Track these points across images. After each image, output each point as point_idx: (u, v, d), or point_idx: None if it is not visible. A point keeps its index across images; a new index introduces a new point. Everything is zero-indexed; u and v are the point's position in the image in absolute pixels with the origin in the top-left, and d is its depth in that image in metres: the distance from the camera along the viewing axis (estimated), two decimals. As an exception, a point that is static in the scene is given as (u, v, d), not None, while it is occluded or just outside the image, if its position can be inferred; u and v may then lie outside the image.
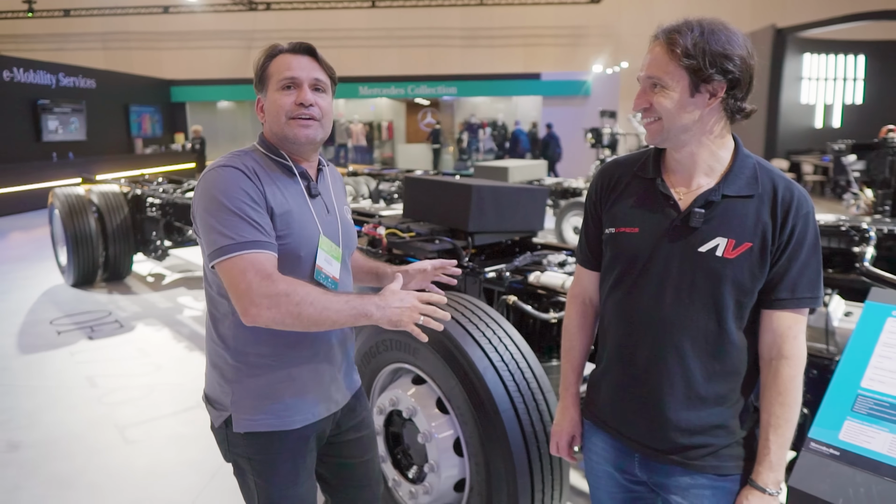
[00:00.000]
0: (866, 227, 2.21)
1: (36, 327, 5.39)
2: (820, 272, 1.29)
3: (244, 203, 1.39)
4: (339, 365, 1.64)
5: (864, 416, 1.35)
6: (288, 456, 1.57)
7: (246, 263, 1.34)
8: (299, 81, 1.50)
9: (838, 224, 2.29)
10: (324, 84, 1.54)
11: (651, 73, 1.28)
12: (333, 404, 1.63)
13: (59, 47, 20.91)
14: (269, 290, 1.32)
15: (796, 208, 1.26)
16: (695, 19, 1.27)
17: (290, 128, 1.49)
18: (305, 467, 1.62)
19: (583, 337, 1.56)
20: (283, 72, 1.50)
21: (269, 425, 1.53)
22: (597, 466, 1.52)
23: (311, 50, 1.54)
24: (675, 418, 1.33)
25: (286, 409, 1.53)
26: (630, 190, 1.40)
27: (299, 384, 1.54)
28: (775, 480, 1.29)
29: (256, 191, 1.43)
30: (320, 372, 1.57)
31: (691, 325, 1.30)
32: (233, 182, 1.41)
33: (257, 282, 1.32)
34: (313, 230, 1.52)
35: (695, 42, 1.23)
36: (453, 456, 2.20)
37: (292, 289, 1.33)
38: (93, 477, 3.10)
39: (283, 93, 1.50)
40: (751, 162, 1.31)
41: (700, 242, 1.28)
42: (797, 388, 1.29)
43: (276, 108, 1.50)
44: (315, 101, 1.51)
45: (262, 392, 1.52)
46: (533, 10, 20.39)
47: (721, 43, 1.24)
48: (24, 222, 11.32)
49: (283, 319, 1.33)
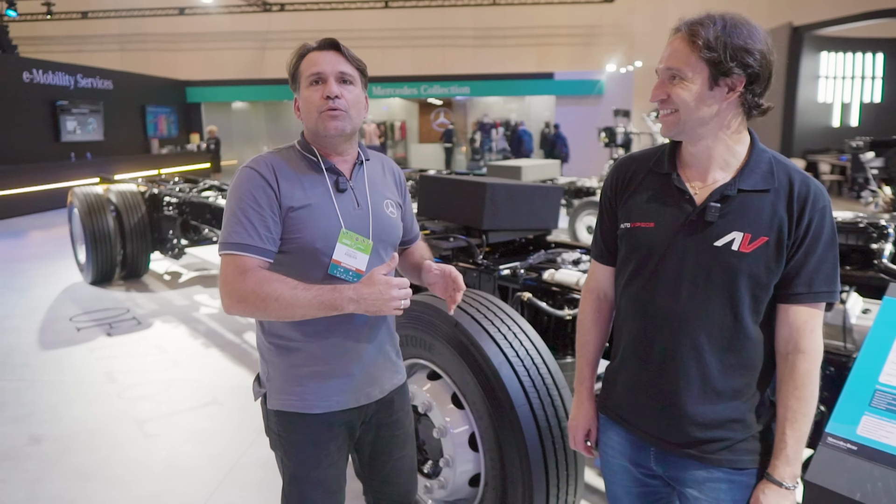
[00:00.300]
0: (884, 223, 2.20)
1: (56, 324, 5.48)
2: (836, 266, 1.29)
3: (248, 205, 1.51)
4: (373, 361, 1.66)
5: (883, 411, 1.34)
6: (310, 439, 1.63)
7: (228, 260, 1.50)
8: (325, 76, 1.55)
9: (856, 221, 2.28)
10: (350, 76, 1.59)
11: (671, 64, 1.29)
12: (364, 397, 1.66)
13: (78, 49, 21.17)
14: (238, 288, 1.46)
15: (812, 202, 1.26)
16: (717, 13, 1.28)
17: (320, 121, 1.56)
18: (328, 453, 1.66)
19: (597, 332, 1.57)
20: (310, 68, 1.57)
21: (293, 406, 1.61)
22: (612, 461, 1.53)
23: (335, 44, 1.59)
24: (691, 412, 1.34)
25: (309, 394, 1.60)
26: (645, 185, 1.40)
27: (323, 371, 1.60)
28: (792, 474, 1.29)
29: (266, 192, 1.52)
30: (347, 363, 1.62)
31: (707, 319, 1.30)
32: (244, 184, 1.54)
33: (231, 278, 1.48)
34: (333, 224, 1.56)
35: (717, 35, 1.24)
36: (468, 451, 2.22)
37: (260, 286, 1.44)
38: (112, 470, 3.15)
39: (311, 89, 1.57)
40: (767, 156, 1.32)
41: (716, 237, 1.29)
42: (814, 382, 1.29)
43: (307, 105, 1.57)
44: (341, 92, 1.55)
45: (289, 374, 1.61)
46: (546, 9, 20.35)
47: (743, 37, 1.25)
48: (43, 221, 11.48)
49: (252, 312, 1.48)
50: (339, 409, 1.63)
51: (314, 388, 1.60)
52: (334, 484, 1.70)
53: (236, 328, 5.34)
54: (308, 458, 1.65)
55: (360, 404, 1.66)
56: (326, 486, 1.68)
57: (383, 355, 1.70)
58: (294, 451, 1.66)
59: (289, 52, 1.64)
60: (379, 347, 1.69)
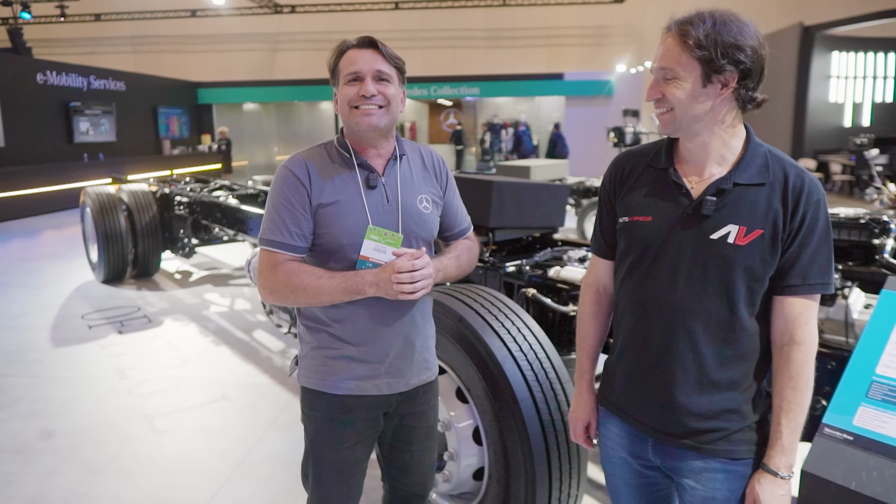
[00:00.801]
0: (886, 219, 2.21)
1: (68, 321, 5.55)
2: (831, 258, 1.30)
3: (281, 205, 1.62)
4: (400, 353, 1.70)
5: (879, 401, 1.36)
6: (326, 417, 1.70)
7: (263, 255, 1.64)
8: (362, 74, 1.60)
9: (858, 217, 2.28)
10: (387, 74, 1.63)
11: (664, 63, 1.31)
12: (385, 386, 1.70)
13: (91, 51, 21.39)
14: (270, 281, 1.61)
15: (807, 196, 1.28)
16: (707, 10, 1.30)
17: (353, 117, 1.61)
18: (345, 437, 1.70)
19: (597, 325, 1.59)
20: (348, 66, 1.62)
21: (314, 384, 1.71)
22: (612, 453, 1.55)
23: (373, 43, 1.63)
24: (687, 403, 1.35)
25: (329, 374, 1.68)
26: (643, 180, 1.42)
27: (346, 355, 1.66)
28: (787, 464, 1.31)
29: (298, 190, 1.61)
30: (370, 351, 1.66)
31: (703, 311, 1.32)
32: (280, 183, 1.64)
33: (265, 272, 1.62)
34: (360, 220, 1.61)
35: (707, 33, 1.26)
36: (472, 445, 2.24)
37: (287, 279, 1.59)
38: (123, 464, 3.20)
39: (349, 86, 1.62)
40: (762, 150, 1.33)
41: (712, 230, 1.31)
42: (809, 373, 1.31)
43: (343, 101, 1.64)
44: (378, 90, 1.60)
45: (316, 353, 1.70)
46: (556, 10, 20.34)
47: (733, 34, 1.27)
48: (56, 221, 11.61)
49: (284, 301, 1.62)
50: (357, 393, 1.67)
51: (336, 369, 1.67)
52: (348, 469, 1.74)
53: (246, 326, 5.39)
54: (325, 438, 1.72)
55: (382, 393, 1.70)
56: (339, 469, 1.73)
57: (411, 349, 1.72)
58: (312, 429, 1.75)
59: (299, 53, 1.70)
60: (407, 341, 1.71)
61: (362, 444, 1.75)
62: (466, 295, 2.29)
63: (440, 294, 2.31)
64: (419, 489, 1.89)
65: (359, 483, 1.79)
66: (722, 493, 1.36)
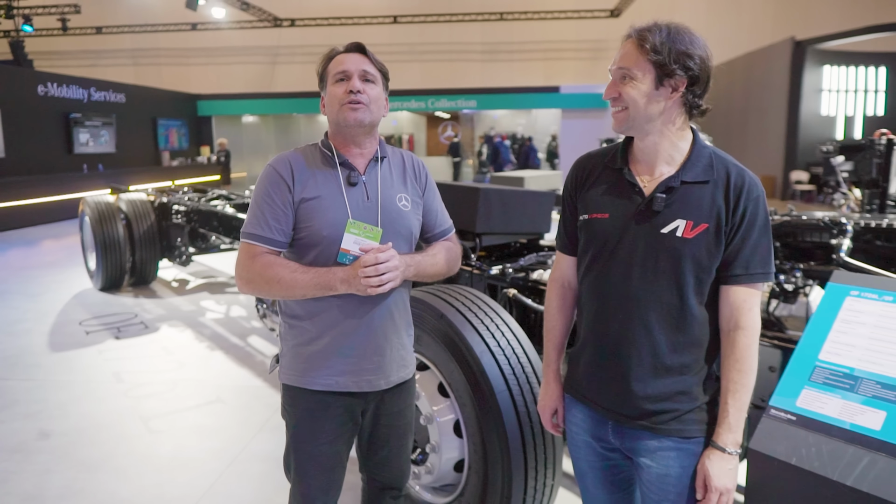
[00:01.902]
0: (844, 221, 2.32)
1: (66, 327, 5.64)
2: (770, 250, 1.41)
3: (263, 201, 1.71)
4: (378, 350, 1.77)
5: (821, 385, 1.46)
6: (307, 414, 1.78)
7: (243, 246, 1.72)
8: (349, 73, 1.72)
9: (819, 219, 2.40)
10: (372, 75, 1.74)
11: (622, 64, 1.42)
12: (366, 383, 1.77)
13: (92, 63, 21.63)
14: (247, 271, 1.69)
15: (747, 192, 1.39)
16: (663, 22, 1.42)
17: (342, 113, 1.70)
18: (324, 430, 1.78)
19: (562, 318, 1.69)
20: (336, 67, 1.73)
21: (295, 380, 1.78)
22: (577, 437, 1.64)
23: (361, 48, 1.77)
24: (643, 387, 1.46)
25: (307, 370, 1.76)
26: (601, 179, 1.54)
27: (324, 352, 1.74)
28: (734, 441, 1.41)
29: (280, 187, 1.70)
30: (349, 348, 1.74)
31: (656, 300, 1.43)
32: (263, 180, 1.74)
33: (243, 262, 1.70)
34: (341, 214, 1.70)
35: (662, 41, 1.38)
36: (454, 438, 2.34)
37: (263, 270, 1.66)
38: (118, 462, 3.28)
39: (336, 85, 1.72)
40: (707, 152, 1.45)
41: (662, 224, 1.42)
42: (753, 356, 1.41)
43: (331, 99, 1.73)
44: (363, 88, 1.71)
45: (295, 350, 1.78)
46: (553, 24, 20.63)
47: (685, 43, 1.39)
48: (55, 231, 11.72)
49: (259, 292, 1.71)
50: (337, 389, 1.75)
51: (315, 365, 1.75)
52: (328, 462, 1.82)
53: (241, 332, 5.49)
54: (304, 432, 1.80)
55: (362, 390, 1.77)
56: (320, 462, 1.81)
57: (390, 347, 1.80)
58: (293, 424, 1.82)
59: (299, 66, 1.84)
60: (386, 338, 1.78)
61: (341, 439, 1.83)
62: (448, 294, 2.40)
63: (423, 293, 2.42)
64: (395, 482, 1.98)
65: (339, 476, 1.87)
66: (675, 470, 1.46)
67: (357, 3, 21.55)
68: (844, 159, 3.87)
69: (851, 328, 1.51)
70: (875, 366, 1.43)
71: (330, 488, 1.86)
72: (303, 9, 21.17)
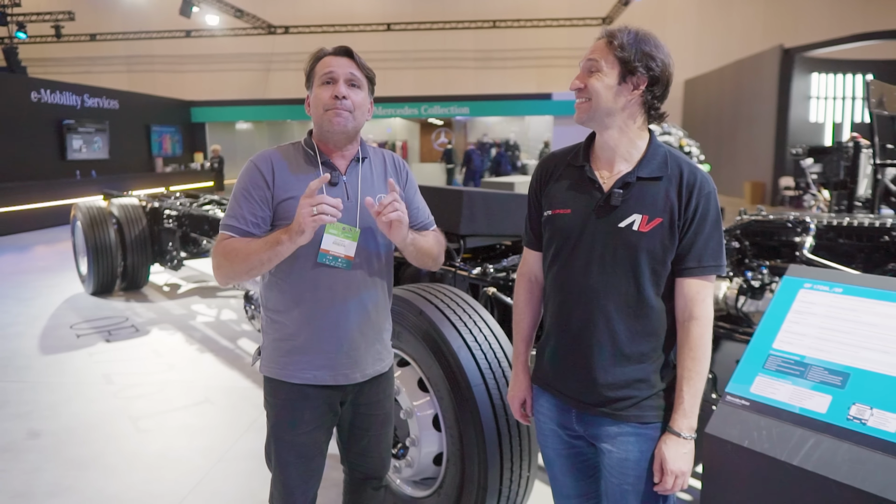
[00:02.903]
0: (808, 219, 2.40)
1: (57, 331, 5.68)
2: (722, 244, 1.49)
3: (241, 195, 1.76)
4: (355, 345, 1.83)
5: (774, 372, 1.53)
6: (287, 405, 1.84)
7: (220, 236, 1.76)
8: (336, 77, 1.75)
9: (785, 219, 2.49)
10: (359, 80, 1.79)
11: (592, 56, 1.51)
12: (342, 377, 1.83)
13: (86, 70, 21.68)
14: (214, 254, 1.75)
15: (699, 188, 1.47)
16: (633, 27, 1.51)
17: (326, 118, 1.75)
18: (304, 421, 1.84)
19: (530, 311, 1.76)
20: (323, 69, 1.76)
21: (275, 373, 1.84)
22: (544, 426, 1.71)
23: (349, 52, 1.80)
24: (603, 375, 1.53)
25: (290, 364, 1.81)
26: (564, 176, 1.61)
27: (301, 346, 1.80)
28: (689, 426, 1.48)
29: (259, 182, 1.75)
30: (326, 342, 1.79)
31: (615, 291, 1.50)
32: (243, 176, 1.78)
33: (215, 248, 1.75)
34: None
35: (629, 40, 1.48)
36: (433, 432, 2.40)
37: (223, 250, 1.71)
38: (107, 460, 3.33)
39: (322, 88, 1.76)
40: (662, 150, 1.53)
41: (620, 219, 1.49)
42: (706, 344, 1.49)
43: (316, 102, 1.77)
44: (348, 94, 1.75)
45: (276, 344, 1.83)
46: (545, 32, 20.80)
47: (649, 46, 1.48)
48: (48, 237, 11.74)
49: (226, 272, 1.72)
50: (315, 383, 1.81)
51: (295, 360, 1.80)
52: (308, 451, 1.88)
53: (231, 335, 5.53)
54: (284, 421, 1.86)
55: (339, 384, 1.84)
56: (300, 451, 1.87)
57: (366, 341, 1.86)
58: (273, 414, 1.89)
59: (293, 73, 1.90)
60: (361, 334, 1.84)
61: (321, 429, 1.88)
62: (428, 291, 2.46)
63: (404, 291, 2.48)
64: (376, 472, 2.04)
65: (319, 465, 1.93)
66: (634, 455, 1.52)
67: (351, 10, 21.71)
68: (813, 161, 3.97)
69: (804, 318, 1.59)
70: (823, 353, 1.50)
71: (310, 477, 1.92)
72: (297, 16, 21.30)
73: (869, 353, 1.45)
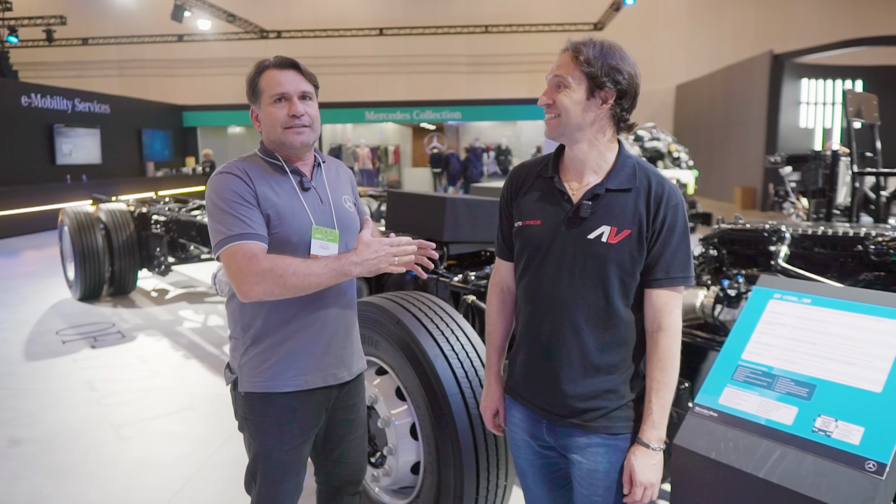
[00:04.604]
0: (783, 228, 2.41)
1: (43, 337, 5.64)
2: (689, 255, 1.49)
3: (235, 202, 1.67)
4: (339, 343, 1.84)
5: (742, 383, 1.53)
6: (275, 421, 1.80)
7: (236, 249, 1.64)
8: (289, 95, 1.74)
9: (761, 228, 2.49)
10: (310, 93, 1.79)
11: (558, 72, 1.50)
12: (331, 377, 1.83)
13: (78, 74, 21.59)
14: (255, 268, 1.60)
15: (667, 200, 1.47)
16: (598, 39, 1.51)
17: (286, 136, 1.74)
18: (292, 435, 1.82)
19: (502, 321, 1.76)
20: (273, 87, 1.73)
21: (264, 387, 1.78)
22: (516, 436, 1.71)
23: (295, 64, 1.78)
24: (573, 386, 1.52)
25: (278, 373, 1.77)
26: (534, 187, 1.61)
27: (291, 352, 1.77)
28: (658, 437, 1.48)
29: (247, 190, 1.70)
30: (314, 345, 1.79)
31: (584, 302, 1.50)
32: (226, 185, 1.70)
33: (245, 263, 1.61)
34: (304, 220, 1.76)
35: (595, 55, 1.47)
36: (410, 441, 2.39)
37: (275, 263, 1.61)
38: (87, 468, 3.31)
39: (275, 106, 1.74)
40: (631, 162, 1.53)
41: (589, 230, 1.49)
42: (674, 355, 1.49)
43: (271, 121, 1.74)
44: (305, 110, 1.75)
45: (261, 358, 1.78)
46: (537, 37, 20.85)
47: (616, 59, 1.48)
48: (37, 241, 11.67)
49: (272, 290, 1.61)
50: (307, 387, 1.79)
51: (284, 367, 1.77)
52: (296, 466, 1.86)
53: (217, 341, 5.51)
54: (271, 438, 1.81)
55: (328, 384, 1.83)
56: (288, 468, 1.85)
57: (350, 340, 1.88)
58: (259, 433, 1.82)
59: None
60: (347, 331, 1.86)
61: (307, 442, 1.88)
62: (405, 299, 2.46)
63: (382, 299, 2.48)
64: (353, 476, 2.04)
65: (302, 479, 1.92)
66: (603, 466, 1.52)
67: (343, 15, 21.71)
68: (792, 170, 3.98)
69: (772, 329, 1.59)
70: (791, 364, 1.50)
71: (296, 493, 1.91)
72: (289, 21, 21.30)
73: (835, 365, 1.46)
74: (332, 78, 21.17)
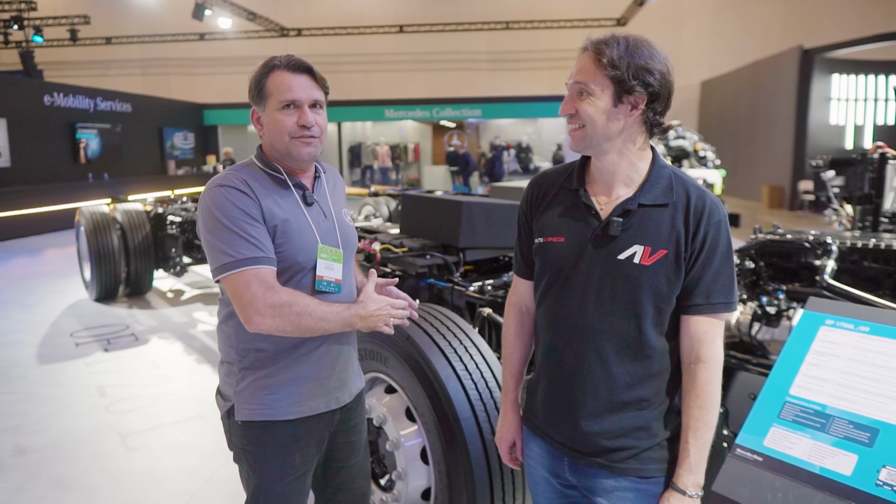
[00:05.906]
0: (829, 241, 2.20)
1: (56, 339, 5.59)
2: (733, 278, 1.31)
3: (241, 220, 1.50)
4: (342, 365, 1.72)
5: (790, 422, 1.35)
6: (276, 450, 1.65)
7: (249, 276, 1.47)
8: (300, 103, 1.57)
9: (803, 239, 2.28)
10: (321, 102, 1.62)
11: (579, 78, 1.32)
12: (334, 401, 1.71)
13: (101, 73, 21.78)
14: (273, 301, 1.46)
15: (708, 216, 1.29)
16: (621, 34, 1.33)
17: (293, 146, 1.58)
18: (294, 466, 1.68)
19: (520, 344, 1.59)
20: (283, 92, 1.56)
21: (265, 415, 1.63)
22: (535, 472, 1.55)
23: (309, 68, 1.60)
24: (598, 422, 1.36)
25: (280, 399, 1.63)
26: (557, 200, 1.44)
27: (295, 377, 1.63)
28: (695, 483, 1.31)
29: (253, 205, 1.53)
30: (317, 368, 1.66)
31: (613, 330, 1.33)
32: (230, 200, 1.51)
33: (261, 293, 1.46)
34: (310, 237, 1.61)
35: (619, 55, 1.28)
36: (421, 465, 2.24)
37: (294, 299, 1.48)
38: (91, 480, 3.20)
39: (284, 112, 1.57)
40: (667, 172, 1.35)
41: (619, 250, 1.32)
42: (714, 391, 1.31)
43: (278, 128, 1.57)
44: (315, 120, 1.59)
45: (261, 384, 1.63)
46: (559, 33, 20.56)
47: (644, 58, 1.29)
48: (59, 240, 11.73)
49: (284, 328, 1.49)
50: (311, 413, 1.66)
51: (286, 393, 1.62)
52: (298, 497, 1.73)
53: (231, 345, 5.41)
54: (273, 470, 1.67)
55: (331, 409, 1.71)
56: (291, 500, 1.71)
57: (351, 361, 1.77)
58: (259, 464, 1.67)
59: None
60: (348, 354, 1.75)
61: (309, 473, 1.75)
62: (417, 314, 2.30)
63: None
64: (357, 502, 1.89)
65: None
66: (632, 513, 1.36)
67: (363, 12, 21.61)
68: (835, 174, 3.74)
69: (825, 360, 1.41)
70: (848, 403, 1.32)
71: None
72: (309, 19, 21.24)
73: (901, 405, 1.27)
74: (351, 76, 21.09)
